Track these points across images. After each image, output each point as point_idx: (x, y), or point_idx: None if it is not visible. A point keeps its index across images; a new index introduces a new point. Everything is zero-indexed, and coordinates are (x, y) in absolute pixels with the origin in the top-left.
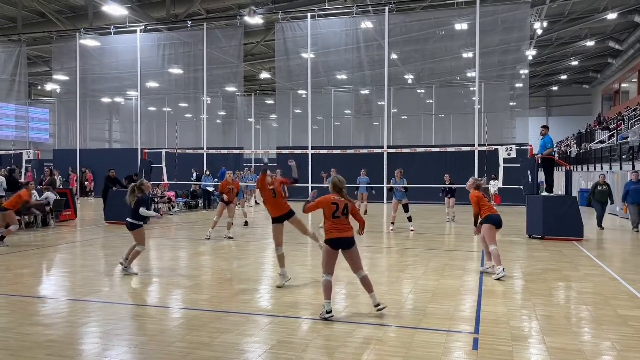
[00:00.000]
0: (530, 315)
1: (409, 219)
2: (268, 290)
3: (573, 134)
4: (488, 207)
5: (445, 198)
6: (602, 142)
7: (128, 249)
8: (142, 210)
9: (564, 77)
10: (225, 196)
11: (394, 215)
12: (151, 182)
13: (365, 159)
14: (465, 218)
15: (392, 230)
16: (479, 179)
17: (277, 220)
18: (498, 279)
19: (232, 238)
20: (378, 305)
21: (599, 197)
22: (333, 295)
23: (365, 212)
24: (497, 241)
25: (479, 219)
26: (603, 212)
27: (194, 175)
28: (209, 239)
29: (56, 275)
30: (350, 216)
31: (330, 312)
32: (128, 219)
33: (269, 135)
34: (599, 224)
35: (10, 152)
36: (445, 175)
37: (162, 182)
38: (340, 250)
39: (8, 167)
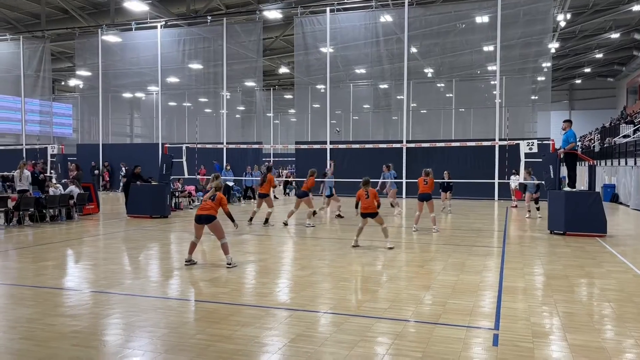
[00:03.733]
0: (551, 312)
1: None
2: (287, 284)
3: (597, 128)
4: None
5: (442, 192)
6: (626, 136)
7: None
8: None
9: (587, 70)
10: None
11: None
12: (172, 177)
13: (384, 154)
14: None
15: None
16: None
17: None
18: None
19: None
20: (230, 264)
21: None
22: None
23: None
24: (519, 237)
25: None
26: None
27: (123, 170)
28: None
29: (80, 268)
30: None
31: (189, 261)
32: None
33: (287, 130)
34: None
35: (36, 146)
36: (445, 171)
37: (198, 175)
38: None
39: (33, 161)
